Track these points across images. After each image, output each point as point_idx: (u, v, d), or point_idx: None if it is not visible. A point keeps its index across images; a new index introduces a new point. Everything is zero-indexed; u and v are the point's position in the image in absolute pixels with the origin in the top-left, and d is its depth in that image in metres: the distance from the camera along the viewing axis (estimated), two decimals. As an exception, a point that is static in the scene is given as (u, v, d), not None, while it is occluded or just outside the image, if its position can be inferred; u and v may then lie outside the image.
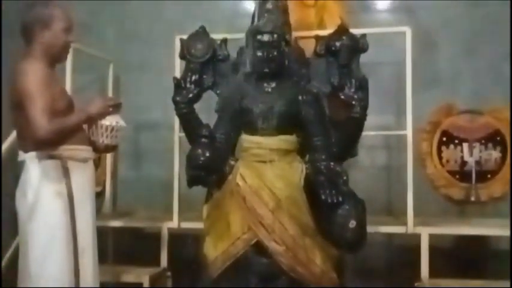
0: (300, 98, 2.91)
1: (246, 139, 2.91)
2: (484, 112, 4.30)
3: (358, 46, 2.95)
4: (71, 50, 2.86)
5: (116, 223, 4.05)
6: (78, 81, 4.00)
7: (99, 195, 4.37)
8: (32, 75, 2.50)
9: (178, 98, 3.00)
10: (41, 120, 2.43)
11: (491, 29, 4.36)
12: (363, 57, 2.98)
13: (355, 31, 3.04)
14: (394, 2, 4.62)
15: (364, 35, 2.99)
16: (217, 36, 3.16)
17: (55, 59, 2.71)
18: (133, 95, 4.63)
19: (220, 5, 4.77)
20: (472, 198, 4.26)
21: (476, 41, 4.39)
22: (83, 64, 4.05)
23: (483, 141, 4.27)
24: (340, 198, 2.70)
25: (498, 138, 4.25)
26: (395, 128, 4.12)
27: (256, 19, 2.98)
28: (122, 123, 2.70)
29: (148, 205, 4.51)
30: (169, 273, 3.88)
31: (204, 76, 3.08)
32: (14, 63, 2.61)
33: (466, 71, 4.40)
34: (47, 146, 2.53)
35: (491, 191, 4.23)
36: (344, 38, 2.95)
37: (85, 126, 2.70)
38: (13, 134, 3.49)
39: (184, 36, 3.14)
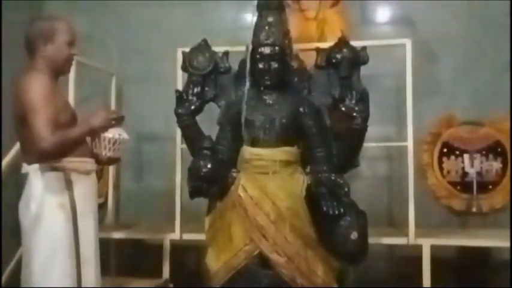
0: (301, 109, 2.91)
1: (248, 151, 2.92)
2: (485, 123, 4.31)
3: (358, 58, 2.97)
4: (74, 63, 2.89)
5: (118, 234, 4.05)
6: (80, 93, 4.01)
7: (102, 207, 4.38)
8: (36, 88, 2.52)
9: (180, 110, 3.02)
10: (44, 132, 2.46)
11: (491, 41, 4.38)
12: (364, 69, 3.00)
13: (356, 43, 3.06)
14: (394, 14, 4.65)
15: (364, 48, 3.00)
16: (219, 48, 3.18)
17: (58, 71, 2.74)
18: (135, 107, 4.66)
19: (222, 17, 4.80)
20: (474, 209, 4.25)
21: (477, 52, 4.41)
22: (86, 77, 4.07)
23: (484, 152, 4.27)
24: (342, 210, 2.70)
25: (499, 149, 4.25)
26: (396, 139, 4.12)
27: (257, 32, 2.99)
28: (124, 135, 2.72)
29: (150, 216, 4.52)
30: (171, 285, 3.86)
31: (206, 88, 3.09)
32: (18, 76, 2.64)
33: (466, 82, 4.42)
34: (50, 158, 2.55)
35: (492, 202, 4.23)
36: (344, 50, 2.97)
37: (88, 139, 2.72)
38: (16, 146, 3.52)
39: (186, 49, 3.17)
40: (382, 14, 4.69)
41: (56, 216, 2.56)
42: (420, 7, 4.53)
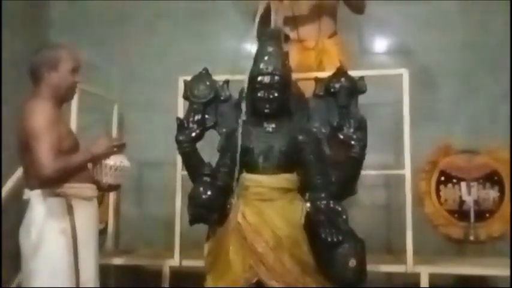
0: (300, 137, 2.94)
1: (247, 178, 2.94)
2: (482, 152, 4.35)
3: (356, 87, 3.01)
4: (77, 90, 2.93)
5: (118, 260, 4.04)
6: (83, 120, 4.05)
7: (102, 233, 4.36)
8: (40, 115, 2.56)
9: (181, 138, 3.04)
10: (46, 159, 2.48)
11: (490, 69, 4.43)
12: (362, 98, 3.04)
13: (354, 73, 3.10)
14: (391, 44, 4.71)
15: (362, 77, 3.04)
16: (219, 77, 3.23)
17: (62, 99, 2.78)
18: (136, 134, 4.69)
19: (223, 47, 4.87)
20: (471, 238, 4.26)
21: (475, 81, 4.46)
22: (88, 104, 4.11)
23: (481, 180, 4.31)
24: (340, 237, 2.71)
25: (496, 178, 4.29)
26: (394, 166, 4.14)
27: (257, 61, 3.04)
28: (125, 163, 2.75)
29: (150, 243, 4.52)
30: (170, 311, 3.87)
31: (207, 116, 3.13)
32: (21, 103, 2.68)
33: (463, 111, 4.46)
34: (52, 184, 2.57)
35: (490, 230, 4.24)
36: (343, 79, 3.01)
37: (89, 165, 2.75)
38: (17, 172, 3.55)
39: (188, 78, 3.21)
40: (380, 44, 4.75)
41: (57, 242, 2.58)
42: (417, 37, 4.60)
